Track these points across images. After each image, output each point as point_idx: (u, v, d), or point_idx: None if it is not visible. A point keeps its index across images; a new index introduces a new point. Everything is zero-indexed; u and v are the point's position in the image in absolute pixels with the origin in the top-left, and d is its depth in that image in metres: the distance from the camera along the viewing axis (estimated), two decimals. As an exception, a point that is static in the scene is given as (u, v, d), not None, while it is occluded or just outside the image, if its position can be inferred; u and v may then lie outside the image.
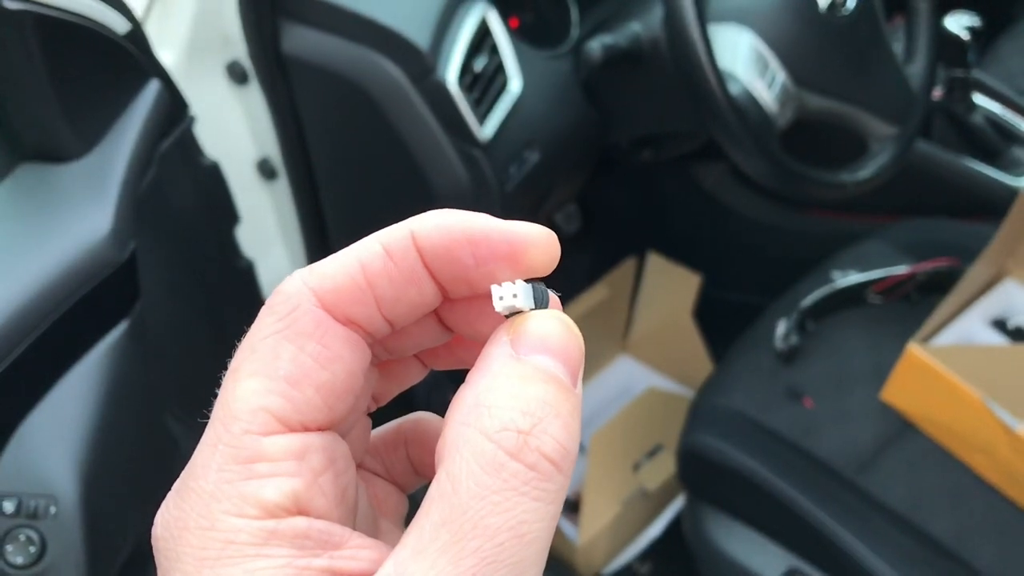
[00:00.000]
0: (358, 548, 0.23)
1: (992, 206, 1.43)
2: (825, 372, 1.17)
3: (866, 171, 1.01)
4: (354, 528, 0.25)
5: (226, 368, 0.25)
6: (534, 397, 0.23)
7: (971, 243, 1.34)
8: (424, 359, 0.30)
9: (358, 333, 0.25)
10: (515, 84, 1.00)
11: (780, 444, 1.10)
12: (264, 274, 1.06)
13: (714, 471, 1.11)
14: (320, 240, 1.11)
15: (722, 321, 1.54)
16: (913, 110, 1.06)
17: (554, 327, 0.24)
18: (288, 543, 0.22)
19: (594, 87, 1.10)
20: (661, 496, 1.43)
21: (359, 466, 0.28)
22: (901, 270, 1.24)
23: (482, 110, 0.96)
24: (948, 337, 1.17)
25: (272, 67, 0.99)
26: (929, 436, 1.12)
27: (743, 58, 0.96)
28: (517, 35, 1.05)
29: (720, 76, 0.91)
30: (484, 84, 0.97)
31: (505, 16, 1.04)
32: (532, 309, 0.24)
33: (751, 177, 0.98)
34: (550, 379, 0.23)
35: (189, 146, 0.89)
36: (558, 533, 1.39)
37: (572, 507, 1.43)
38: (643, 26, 1.03)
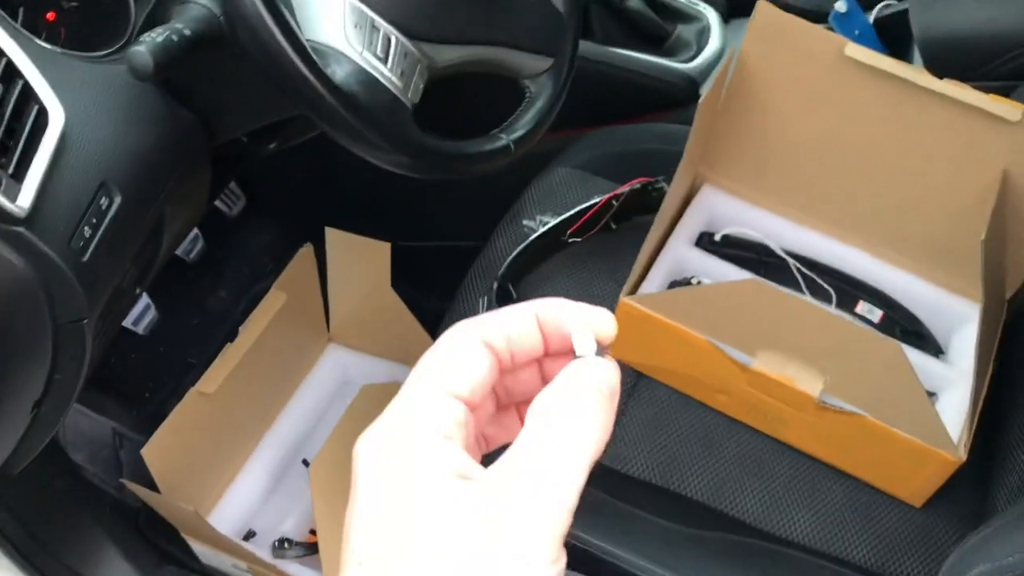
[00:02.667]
0: None
1: (672, 98, 1.32)
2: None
3: (523, 128, 0.83)
4: None
5: None
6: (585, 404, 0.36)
7: (656, 144, 1.24)
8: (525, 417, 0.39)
9: (495, 355, 0.37)
10: (56, 113, 0.74)
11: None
12: None
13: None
14: None
15: (430, 276, 1.38)
16: (564, 33, 0.89)
17: (609, 372, 0.37)
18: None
19: (179, 84, 0.86)
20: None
21: None
22: (595, 201, 1.10)
23: (9, 170, 0.69)
24: (660, 268, 1.05)
25: None
26: (668, 385, 1.01)
27: (341, 27, 0.74)
28: (50, 42, 0.79)
29: (308, 55, 0.69)
30: (5, 130, 0.70)
31: (29, 21, 0.77)
32: (596, 353, 0.37)
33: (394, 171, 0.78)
34: (599, 398, 0.36)
35: None
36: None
37: (313, 549, 1.24)
38: (212, -1, 0.79)
